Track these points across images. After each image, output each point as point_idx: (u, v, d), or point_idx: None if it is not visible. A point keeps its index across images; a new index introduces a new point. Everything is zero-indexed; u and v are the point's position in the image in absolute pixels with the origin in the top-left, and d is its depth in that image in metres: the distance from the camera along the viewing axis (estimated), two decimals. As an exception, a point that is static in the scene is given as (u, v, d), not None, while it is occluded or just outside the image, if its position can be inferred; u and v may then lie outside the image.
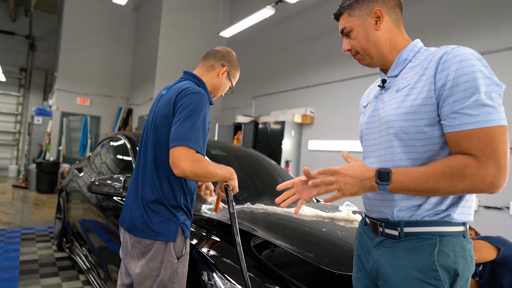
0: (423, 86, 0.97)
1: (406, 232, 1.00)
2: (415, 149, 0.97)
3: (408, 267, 0.97)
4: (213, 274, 1.50)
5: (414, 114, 0.96)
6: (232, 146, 3.31)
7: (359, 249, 1.18)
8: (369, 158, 1.12)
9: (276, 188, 1.26)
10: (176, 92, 1.43)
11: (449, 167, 0.88)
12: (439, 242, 0.95)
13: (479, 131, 0.87)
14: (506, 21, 3.80)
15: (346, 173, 0.97)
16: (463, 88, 0.89)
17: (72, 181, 3.78)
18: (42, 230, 4.78)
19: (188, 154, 1.29)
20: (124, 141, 2.88)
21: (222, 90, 1.67)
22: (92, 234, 2.82)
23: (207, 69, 1.62)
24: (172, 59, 8.80)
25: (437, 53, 0.99)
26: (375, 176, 0.95)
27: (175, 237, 1.42)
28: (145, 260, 1.41)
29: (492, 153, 0.86)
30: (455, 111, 0.89)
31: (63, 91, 9.65)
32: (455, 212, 0.97)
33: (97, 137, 10.11)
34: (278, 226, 1.92)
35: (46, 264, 3.49)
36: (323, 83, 6.12)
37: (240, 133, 7.41)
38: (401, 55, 1.09)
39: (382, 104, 1.09)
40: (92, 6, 9.91)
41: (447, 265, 0.94)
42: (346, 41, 1.15)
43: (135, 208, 1.46)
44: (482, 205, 3.76)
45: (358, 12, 1.10)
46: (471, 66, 0.90)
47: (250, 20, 6.38)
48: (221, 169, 1.45)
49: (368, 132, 1.14)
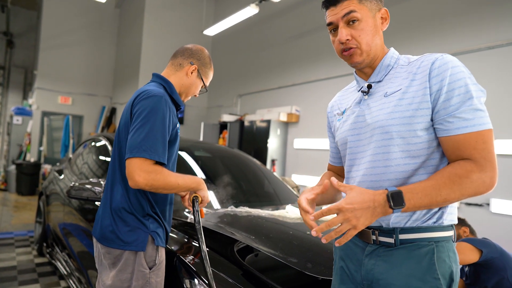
0: (417, 90, 0.97)
1: (402, 239, 0.97)
2: (411, 153, 0.97)
3: (407, 276, 0.95)
4: (195, 281, 1.47)
5: (411, 118, 0.96)
6: (216, 146, 3.27)
7: (345, 260, 1.12)
8: (358, 165, 1.07)
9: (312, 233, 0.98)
10: (133, 97, 1.37)
11: (457, 176, 0.89)
12: (435, 248, 0.95)
13: (475, 134, 0.90)
14: (485, 21, 3.87)
15: (353, 207, 0.87)
16: (458, 93, 0.92)
17: (52, 184, 3.67)
18: (22, 235, 4.64)
19: (142, 166, 1.23)
20: (105, 142, 2.81)
21: (194, 90, 1.58)
22: (72, 239, 2.75)
23: (175, 68, 1.53)
24: (156, 57, 8.67)
25: (425, 59, 1.00)
26: (388, 200, 0.88)
27: (144, 246, 1.36)
28: (116, 271, 1.36)
29: (488, 155, 0.90)
30: (453, 115, 0.92)
31: (44, 90, 9.39)
32: (446, 216, 0.98)
33: (79, 137, 9.89)
34: (261, 230, 1.89)
35: (26, 271, 3.38)
36: (309, 81, 6.12)
37: (226, 132, 7.36)
38: (383, 61, 1.08)
39: (368, 110, 1.06)
40: (72, 2, 9.65)
41: (445, 271, 0.94)
42: (346, 30, 1.02)
43: (105, 217, 1.40)
44: (463, 202, 3.83)
45: (369, 2, 1.04)
46: (462, 73, 0.93)
47: (234, 18, 6.33)
48: (184, 179, 1.37)
49: (354, 138, 1.09)
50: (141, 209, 1.38)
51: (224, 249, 1.67)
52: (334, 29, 1.07)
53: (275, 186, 2.90)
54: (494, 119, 3.61)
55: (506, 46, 3.66)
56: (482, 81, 3.80)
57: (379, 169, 1.00)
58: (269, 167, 6.23)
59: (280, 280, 1.49)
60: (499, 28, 3.75)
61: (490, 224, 3.58)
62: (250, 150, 6.57)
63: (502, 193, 3.53)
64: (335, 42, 1.07)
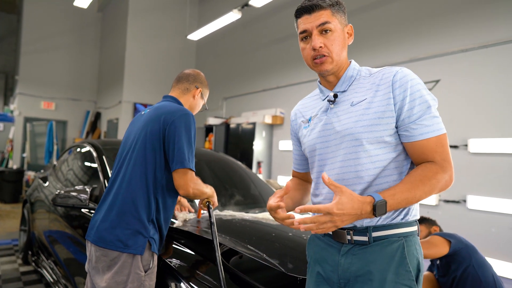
0: (381, 100, 1.06)
1: (375, 236, 1.05)
2: (378, 157, 1.06)
3: (383, 271, 1.02)
4: (181, 284, 1.52)
5: (377, 126, 1.05)
6: (200, 150, 3.31)
7: (319, 263, 1.16)
8: (328, 171, 1.13)
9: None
10: (162, 112, 1.56)
11: (427, 178, 1.00)
12: (405, 243, 1.04)
13: (435, 139, 1.03)
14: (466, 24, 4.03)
15: (342, 212, 0.93)
16: (419, 102, 1.03)
17: (36, 191, 3.65)
18: (6, 244, 4.58)
19: (192, 178, 1.52)
20: (90, 149, 2.82)
21: (197, 108, 1.84)
22: (58, 246, 2.75)
23: (182, 92, 1.77)
24: (141, 61, 8.64)
25: (385, 72, 1.09)
26: (373, 210, 0.95)
27: (143, 250, 1.44)
28: (112, 273, 1.42)
29: (446, 157, 1.03)
30: (415, 123, 1.03)
31: (26, 95, 9.24)
32: (411, 212, 1.08)
33: (64, 142, 9.76)
34: (245, 232, 1.96)
35: (10, 280, 3.36)
36: (292, 84, 6.22)
37: (212, 135, 7.40)
38: (347, 72, 1.16)
39: (336, 118, 1.13)
40: (53, 6, 9.52)
41: (414, 264, 1.03)
42: (319, 38, 1.09)
43: (104, 220, 1.47)
44: (442, 200, 3.97)
45: (340, 16, 1.12)
46: (420, 85, 1.06)
47: (218, 23, 6.38)
48: (207, 187, 1.67)
49: (323, 145, 1.15)
50: (148, 214, 1.48)
51: (209, 252, 1.73)
52: (306, 37, 1.13)
53: (259, 188, 2.96)
54: (472, 119, 3.72)
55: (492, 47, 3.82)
56: (472, 80, 3.95)
57: (350, 174, 1.08)
58: (255, 169, 6.30)
59: (262, 281, 1.56)
60: (482, 29, 3.92)
61: (466, 220, 3.73)
62: (236, 153, 6.63)
63: (478, 190, 3.68)
64: (306, 49, 1.13)
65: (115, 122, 8.80)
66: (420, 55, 4.35)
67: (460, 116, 3.92)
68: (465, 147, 3.81)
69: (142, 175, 1.50)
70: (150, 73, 8.76)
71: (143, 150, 1.53)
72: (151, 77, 8.73)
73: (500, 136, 3.55)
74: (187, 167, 1.48)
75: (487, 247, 3.47)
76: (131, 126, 1.69)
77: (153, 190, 1.51)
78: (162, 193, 1.54)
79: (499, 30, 3.66)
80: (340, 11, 1.12)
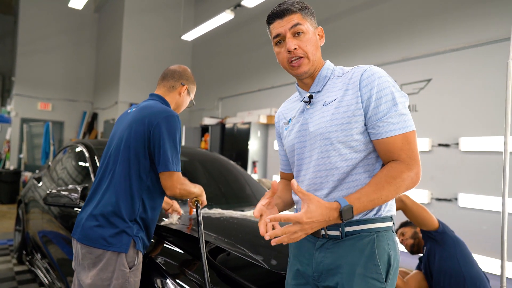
0: (351, 99, 1.08)
1: (347, 231, 1.08)
2: (350, 155, 1.08)
3: (352, 264, 1.05)
4: (166, 281, 1.55)
5: (347, 124, 1.07)
6: (193, 150, 3.34)
7: (298, 258, 1.20)
8: (305, 170, 1.17)
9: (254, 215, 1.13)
10: (146, 113, 1.56)
11: (392, 178, 1.02)
12: (376, 238, 1.07)
13: (401, 136, 1.04)
14: (456, 24, 4.07)
15: (312, 220, 0.95)
16: (385, 100, 1.05)
17: (31, 191, 3.68)
18: (2, 244, 4.61)
19: (179, 180, 1.54)
20: (82, 149, 2.85)
21: (184, 105, 1.82)
22: (51, 246, 2.77)
23: (168, 90, 1.74)
24: (136, 61, 8.67)
25: (355, 71, 1.12)
26: (340, 216, 0.98)
27: (127, 249, 1.46)
28: (97, 270, 1.44)
29: (412, 154, 1.04)
30: (381, 120, 1.05)
31: (23, 96, 9.26)
32: (383, 208, 1.10)
33: (60, 143, 9.78)
34: (231, 230, 1.99)
35: (5, 279, 3.38)
36: (287, 83, 6.25)
37: (208, 135, 7.43)
38: (321, 72, 1.19)
39: (311, 118, 1.16)
40: (50, 7, 9.54)
41: (384, 258, 1.06)
42: (293, 40, 1.12)
43: (89, 218, 1.50)
44: (434, 198, 4.01)
45: (310, 19, 1.16)
46: (387, 82, 1.07)
47: (211, 24, 6.41)
48: (195, 188, 1.68)
49: (300, 145, 1.19)
50: (132, 213, 1.50)
51: (195, 250, 1.76)
52: (280, 41, 1.16)
53: (251, 187, 2.99)
54: (463, 117, 3.75)
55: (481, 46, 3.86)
56: (461, 80, 3.98)
57: (323, 172, 1.11)
58: (251, 168, 6.33)
59: (248, 278, 1.59)
60: (472, 29, 3.95)
61: (458, 217, 3.77)
62: (231, 152, 6.66)
63: (469, 188, 3.72)
64: (281, 53, 1.16)
65: (111, 122, 8.82)
66: (411, 54, 4.39)
67: (451, 114, 3.96)
68: (456, 145, 3.85)
69: (126, 176, 1.52)
70: (146, 73, 8.78)
71: (127, 151, 1.54)
72: (147, 78, 8.76)
73: (491, 135, 3.59)
74: (171, 170, 1.50)
75: (478, 245, 3.50)
76: (117, 124, 1.70)
77: (138, 191, 1.52)
78: (148, 193, 1.56)
79: (489, 30, 3.70)
80: (309, 14, 1.16)
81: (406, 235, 2.53)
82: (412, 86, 4.33)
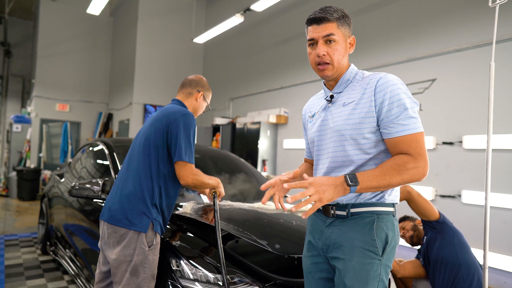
0: (365, 103, 1.26)
1: (352, 212, 1.28)
2: (362, 150, 1.27)
3: (354, 239, 1.24)
4: (180, 262, 1.74)
5: (360, 124, 1.26)
6: (204, 148, 3.54)
7: (311, 233, 1.41)
8: (323, 160, 1.37)
9: (260, 188, 1.44)
10: (167, 113, 1.80)
11: (396, 165, 1.17)
12: (376, 219, 1.26)
13: (410, 136, 1.19)
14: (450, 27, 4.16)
15: (321, 182, 1.13)
16: (397, 105, 1.21)
17: (53, 187, 3.93)
18: (26, 236, 4.90)
19: (191, 170, 1.74)
20: (102, 147, 3.07)
21: (201, 110, 2.06)
22: (75, 237, 3.00)
23: (186, 96, 1.99)
24: (150, 63, 8.94)
25: (373, 77, 1.29)
26: (345, 180, 1.15)
27: (146, 229, 1.69)
28: (121, 247, 1.67)
29: (420, 151, 1.19)
30: (393, 122, 1.21)
31: (42, 98, 9.64)
32: (386, 196, 1.29)
33: (78, 142, 10.14)
34: (239, 219, 2.17)
35: (31, 267, 3.65)
36: (296, 84, 6.41)
37: (219, 134, 7.63)
38: (344, 76, 1.36)
39: (331, 116, 1.35)
40: (68, 12, 9.91)
41: (381, 235, 1.25)
42: (324, 47, 1.27)
43: (115, 201, 1.74)
44: (438, 194, 4.11)
45: (344, 29, 1.29)
46: (399, 89, 1.23)
47: (222, 27, 6.63)
48: (211, 179, 1.86)
49: (320, 138, 1.38)
50: (152, 198, 1.73)
51: (207, 235, 1.95)
52: (313, 44, 1.32)
53: (259, 181, 3.17)
54: (467, 116, 3.83)
55: (472, 49, 3.95)
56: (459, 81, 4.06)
57: (339, 162, 1.31)
58: (260, 167, 6.50)
59: (254, 260, 1.78)
60: (466, 32, 4.04)
61: (462, 213, 3.86)
62: (242, 151, 6.85)
63: (473, 185, 3.81)
64: (312, 55, 1.33)
65: (126, 122, 9.12)
66: (417, 55, 4.50)
67: (455, 113, 4.06)
68: (460, 143, 3.94)
69: (147, 166, 1.75)
70: (159, 75, 9.06)
71: (148, 144, 1.78)
72: (160, 79, 9.03)
73: (494, 133, 3.68)
74: (184, 160, 1.70)
75: (482, 240, 3.59)
76: (144, 124, 1.97)
77: (157, 179, 1.75)
78: (165, 181, 1.78)
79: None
80: (345, 24, 1.30)
81: (406, 228, 2.68)
82: (417, 86, 4.44)
